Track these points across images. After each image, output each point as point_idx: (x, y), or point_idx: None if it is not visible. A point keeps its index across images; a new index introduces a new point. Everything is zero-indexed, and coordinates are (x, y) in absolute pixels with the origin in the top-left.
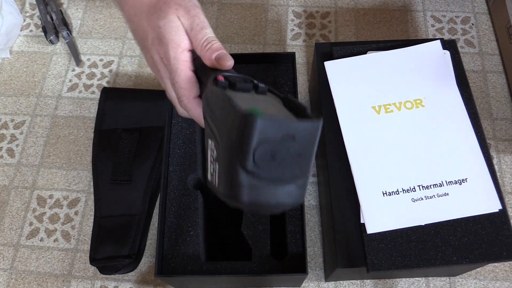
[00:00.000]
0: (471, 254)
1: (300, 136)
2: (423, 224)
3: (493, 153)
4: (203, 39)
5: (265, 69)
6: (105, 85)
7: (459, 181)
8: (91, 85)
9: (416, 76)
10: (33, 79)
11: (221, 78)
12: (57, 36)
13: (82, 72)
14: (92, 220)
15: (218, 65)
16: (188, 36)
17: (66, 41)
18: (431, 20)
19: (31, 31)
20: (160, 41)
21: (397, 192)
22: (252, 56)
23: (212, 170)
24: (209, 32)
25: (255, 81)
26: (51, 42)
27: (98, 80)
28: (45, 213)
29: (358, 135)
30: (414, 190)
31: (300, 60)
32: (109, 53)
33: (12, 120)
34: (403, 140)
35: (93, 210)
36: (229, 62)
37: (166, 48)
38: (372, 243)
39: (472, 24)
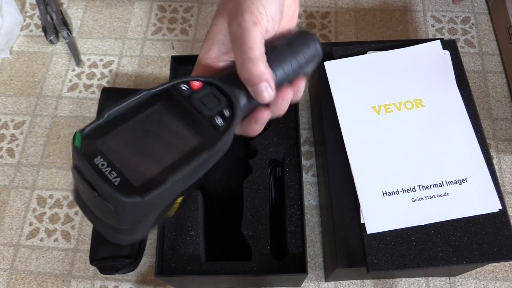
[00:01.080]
0: (471, 254)
1: (106, 197)
2: (423, 224)
3: (493, 153)
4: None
5: None
6: (105, 85)
7: (459, 181)
8: (91, 85)
9: (416, 76)
10: (33, 79)
11: (196, 85)
12: (57, 36)
13: (82, 72)
14: None
15: (252, 94)
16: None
17: (66, 41)
18: (431, 20)
19: (31, 31)
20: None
21: (397, 192)
22: None
23: None
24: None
25: (221, 120)
26: (51, 42)
27: (98, 80)
28: (45, 213)
29: (358, 135)
30: (414, 190)
31: None
32: (109, 53)
33: (12, 120)
34: (403, 140)
35: None
36: (267, 95)
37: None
38: (372, 243)
39: (472, 24)
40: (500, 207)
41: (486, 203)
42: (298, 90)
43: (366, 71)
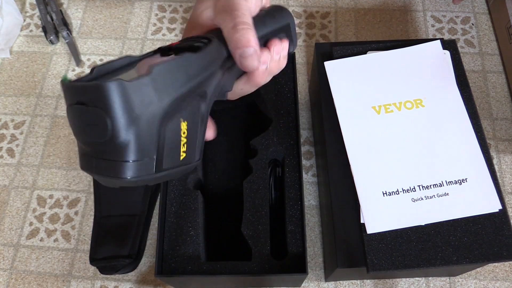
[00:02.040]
0: (471, 254)
1: (89, 100)
2: (423, 224)
3: (493, 153)
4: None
5: None
6: None
7: (459, 181)
8: None
9: (416, 76)
10: (33, 79)
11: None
12: (57, 36)
13: (82, 72)
14: (92, 220)
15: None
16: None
17: (66, 41)
18: (431, 20)
19: (31, 31)
20: None
21: (397, 192)
22: None
23: None
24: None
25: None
26: (51, 42)
27: None
28: (45, 213)
29: (358, 135)
30: (414, 190)
31: (300, 60)
32: (109, 53)
33: (12, 120)
34: (403, 140)
35: (93, 210)
36: (254, 64)
37: None
38: (372, 243)
39: (472, 24)
40: (500, 207)
41: (486, 203)
42: (276, 52)
43: (366, 71)
